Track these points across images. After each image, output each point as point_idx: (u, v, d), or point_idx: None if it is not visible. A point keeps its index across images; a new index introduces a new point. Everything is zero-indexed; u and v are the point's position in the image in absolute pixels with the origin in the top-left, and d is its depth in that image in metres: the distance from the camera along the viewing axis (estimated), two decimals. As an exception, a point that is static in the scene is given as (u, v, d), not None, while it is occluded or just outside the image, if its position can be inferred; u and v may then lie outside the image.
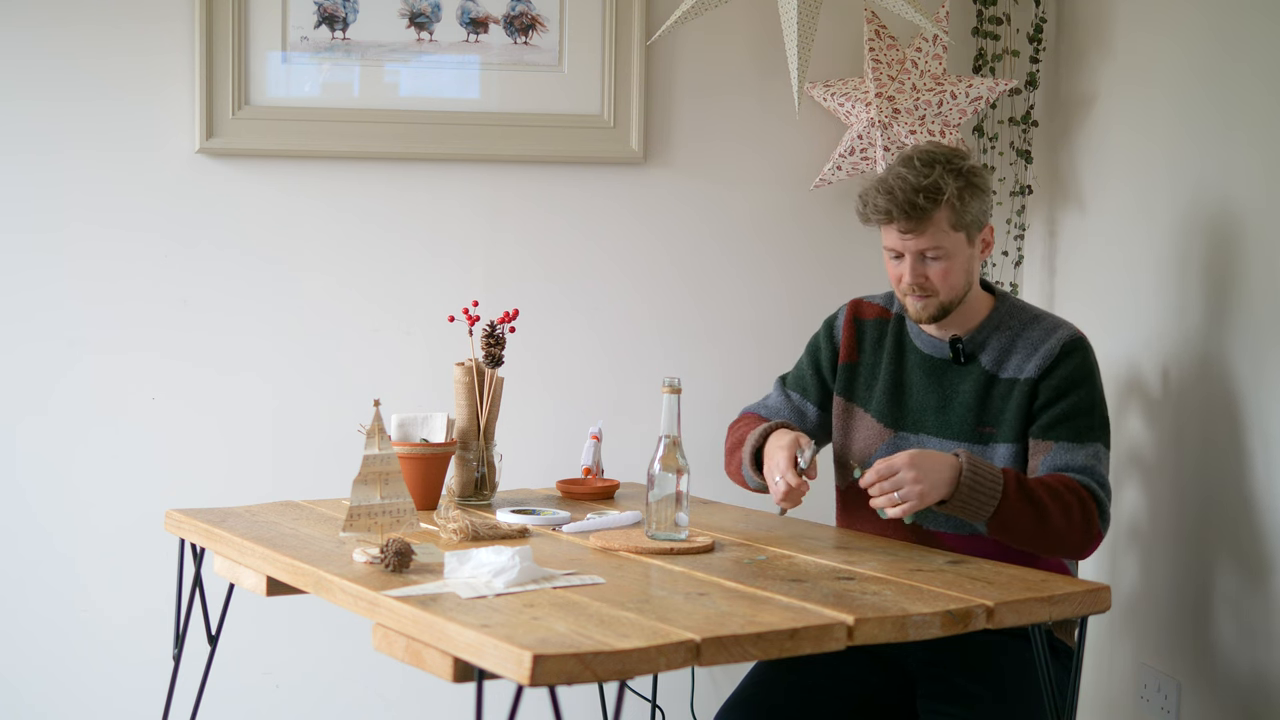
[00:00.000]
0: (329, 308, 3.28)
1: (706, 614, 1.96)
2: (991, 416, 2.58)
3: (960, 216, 2.52)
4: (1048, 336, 2.59)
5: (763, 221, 3.49)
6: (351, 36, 3.23)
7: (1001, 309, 2.65)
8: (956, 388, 2.61)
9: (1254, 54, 2.84)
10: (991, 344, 2.61)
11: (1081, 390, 2.55)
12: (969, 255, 2.57)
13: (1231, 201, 2.88)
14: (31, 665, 3.18)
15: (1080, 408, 2.54)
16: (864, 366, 2.71)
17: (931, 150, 2.56)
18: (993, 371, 2.60)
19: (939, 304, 2.57)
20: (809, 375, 2.78)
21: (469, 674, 1.87)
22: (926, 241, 2.52)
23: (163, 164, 3.18)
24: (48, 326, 3.15)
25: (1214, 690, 2.92)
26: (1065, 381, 2.55)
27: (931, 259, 2.54)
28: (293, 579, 2.27)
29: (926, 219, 2.50)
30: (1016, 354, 2.59)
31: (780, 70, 3.40)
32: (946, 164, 2.52)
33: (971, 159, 2.59)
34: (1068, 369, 2.55)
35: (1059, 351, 2.56)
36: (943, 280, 2.55)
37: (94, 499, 3.18)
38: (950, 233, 2.53)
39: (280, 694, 3.30)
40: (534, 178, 3.36)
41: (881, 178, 2.55)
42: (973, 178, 2.54)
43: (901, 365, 2.68)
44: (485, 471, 2.77)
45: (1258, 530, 2.81)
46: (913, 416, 2.63)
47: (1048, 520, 2.42)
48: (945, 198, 2.50)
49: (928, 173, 2.50)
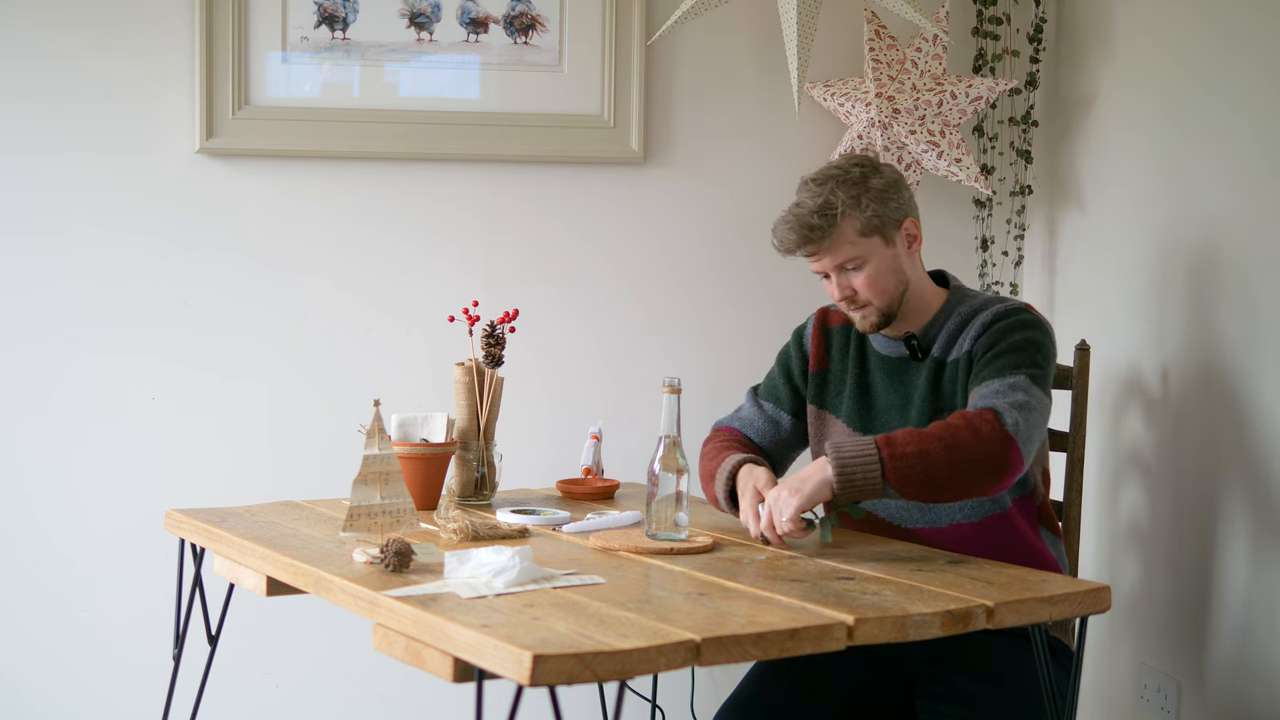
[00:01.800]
0: (329, 308, 3.28)
1: (706, 614, 1.97)
2: (945, 400, 2.58)
3: (865, 223, 2.54)
4: (988, 309, 2.58)
5: (763, 221, 3.48)
6: (351, 36, 3.23)
7: (953, 299, 2.65)
8: (914, 383, 2.62)
9: (1254, 54, 2.84)
10: (943, 334, 2.62)
11: (1013, 335, 2.52)
12: (891, 255, 2.58)
13: (1231, 201, 2.88)
14: (32, 665, 3.18)
15: (1005, 349, 2.50)
16: (833, 373, 2.72)
17: (826, 169, 2.60)
18: (941, 358, 2.61)
19: (877, 311, 2.59)
20: (781, 384, 2.78)
21: (469, 674, 1.87)
22: (839, 256, 2.55)
23: (163, 164, 3.18)
24: (48, 327, 3.15)
25: (1214, 690, 2.92)
26: (994, 335, 2.53)
27: (851, 270, 2.57)
28: (293, 579, 2.27)
29: (826, 236, 2.53)
30: (965, 337, 2.59)
31: (780, 70, 3.40)
32: (838, 179, 2.55)
33: (875, 161, 2.60)
34: (1000, 328, 2.54)
35: (991, 318, 2.56)
36: (870, 288, 2.56)
37: (95, 499, 3.18)
38: (860, 240, 2.55)
39: (280, 694, 3.30)
40: (534, 178, 3.37)
41: (786, 210, 2.58)
42: (870, 181, 2.56)
43: (865, 368, 2.69)
44: (485, 471, 2.77)
45: (1257, 530, 2.81)
46: (880, 418, 2.64)
47: (932, 458, 2.35)
48: (839, 211, 2.53)
49: (820, 192, 2.54)
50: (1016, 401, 2.41)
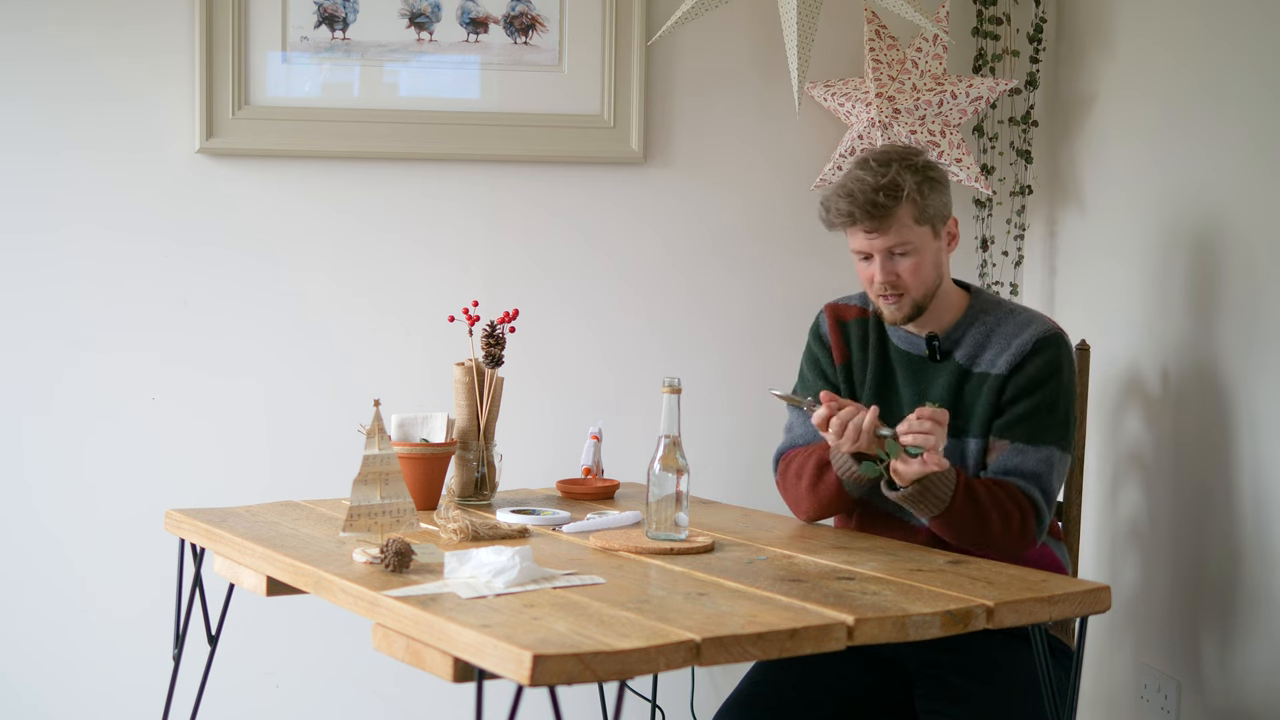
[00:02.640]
0: (329, 307, 3.28)
1: (706, 614, 1.96)
2: (963, 411, 2.59)
3: (923, 210, 2.55)
4: (1022, 330, 2.60)
5: (763, 221, 3.49)
6: (351, 36, 3.23)
7: (976, 304, 2.66)
8: (932, 383, 2.63)
9: (1253, 53, 2.84)
10: (967, 339, 2.63)
11: (1046, 388, 2.56)
12: (936, 249, 2.59)
13: (1231, 201, 2.88)
14: (32, 664, 3.18)
15: (1041, 407, 2.55)
16: (855, 366, 2.73)
17: (887, 150, 2.60)
18: (966, 366, 2.61)
19: (911, 302, 2.58)
20: (816, 383, 2.76)
21: (469, 674, 1.87)
22: (892, 239, 2.54)
23: (163, 164, 3.18)
24: (48, 326, 3.15)
25: (1214, 690, 2.92)
26: (1031, 380, 2.56)
27: (899, 255, 2.56)
28: (293, 579, 2.27)
29: (889, 216, 2.53)
30: (990, 348, 2.60)
31: (780, 70, 3.40)
32: (902, 161, 2.55)
33: (927, 155, 2.61)
34: (1036, 366, 2.56)
35: (1031, 347, 2.57)
36: (913, 276, 2.56)
37: (95, 498, 3.18)
38: (914, 227, 2.55)
39: (280, 694, 3.30)
40: (534, 178, 3.36)
41: (840, 182, 2.58)
42: (929, 172, 2.57)
43: (885, 362, 2.69)
44: (485, 471, 2.77)
45: (1258, 530, 2.81)
46: (898, 411, 2.63)
47: (988, 526, 2.46)
48: (905, 193, 2.52)
49: (885, 171, 2.53)
50: (1049, 490, 2.53)
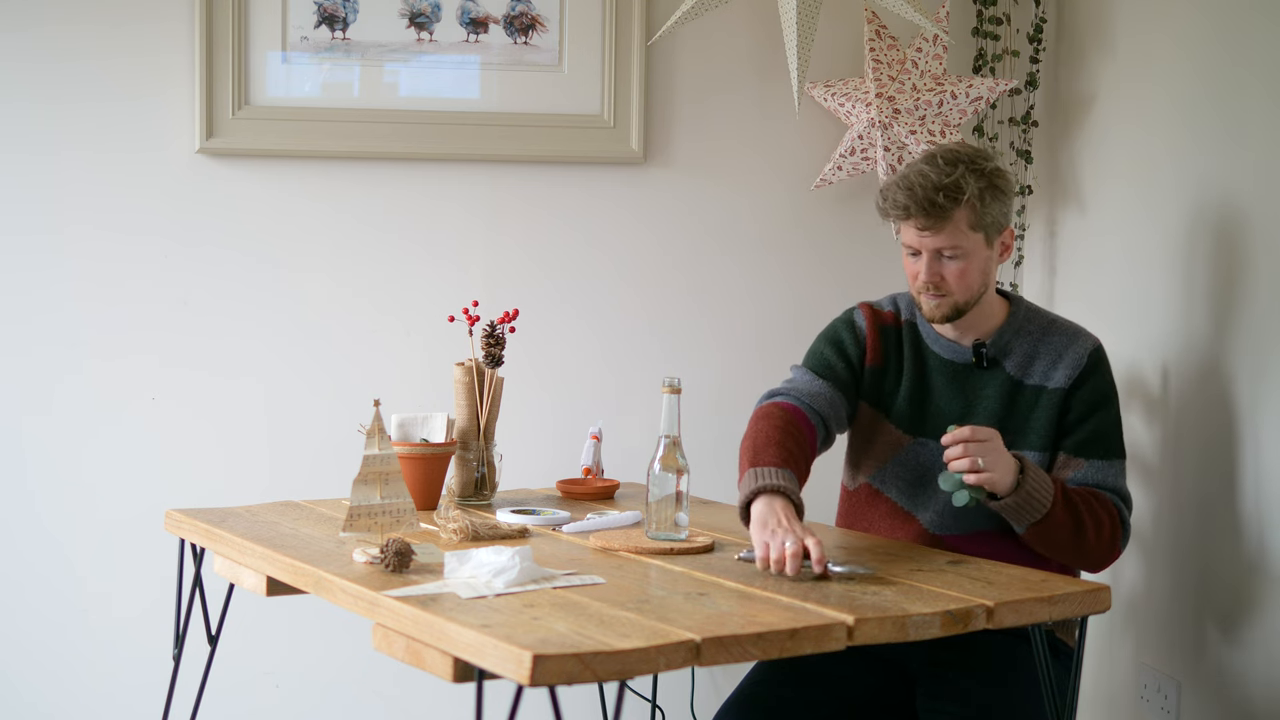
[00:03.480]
0: (329, 307, 3.28)
1: (706, 614, 1.96)
2: (1016, 423, 2.58)
3: (980, 218, 2.52)
4: (1071, 343, 2.61)
5: (763, 222, 3.49)
6: (351, 36, 3.23)
7: (1018, 313, 2.65)
8: (980, 392, 2.61)
9: (1254, 53, 2.84)
10: (1015, 349, 2.62)
11: (1111, 406, 2.60)
12: (987, 257, 2.56)
13: (1231, 202, 2.88)
14: (33, 663, 3.18)
15: (1110, 423, 2.59)
16: (889, 372, 2.68)
17: (957, 149, 2.56)
18: (1018, 377, 2.60)
19: (953, 303, 2.56)
20: (839, 364, 2.67)
21: (469, 674, 1.87)
22: (944, 240, 2.52)
23: (163, 164, 3.18)
24: (48, 327, 3.14)
25: (1214, 690, 2.92)
26: (1097, 395, 2.59)
27: (949, 258, 2.53)
28: (293, 579, 2.27)
29: (945, 217, 2.50)
30: (1041, 360, 2.60)
31: (780, 70, 3.40)
32: (970, 164, 2.52)
33: (997, 161, 2.58)
34: (1098, 381, 2.59)
35: (1087, 362, 2.59)
36: (959, 280, 2.54)
37: (96, 498, 3.18)
38: (969, 233, 2.52)
39: (280, 694, 3.30)
40: (534, 178, 3.36)
41: (903, 174, 2.54)
42: (996, 179, 2.54)
43: (923, 370, 2.66)
44: (485, 471, 2.77)
45: (1258, 530, 2.81)
46: (933, 422, 2.61)
47: (1084, 534, 2.47)
48: (966, 198, 2.49)
49: (950, 171, 2.50)
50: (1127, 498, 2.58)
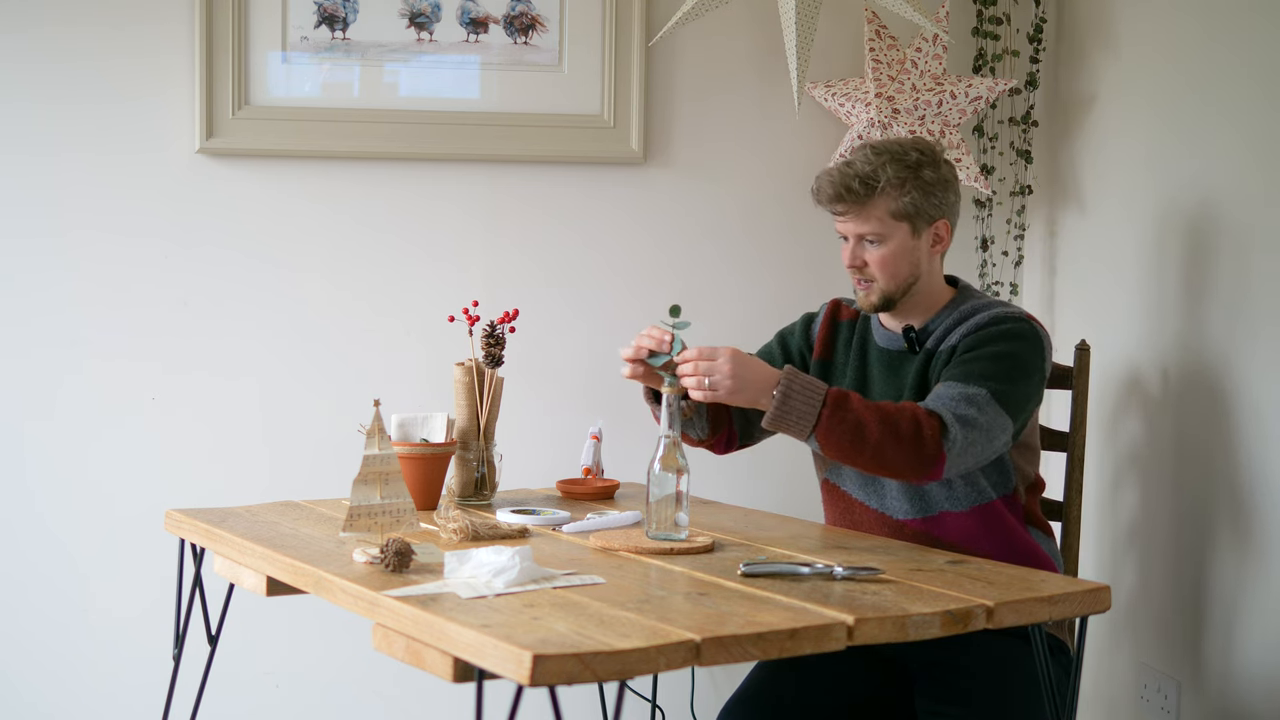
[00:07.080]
0: (329, 307, 3.28)
1: (706, 614, 1.96)
2: (929, 390, 2.58)
3: (901, 207, 2.56)
4: (988, 311, 2.59)
5: (762, 221, 3.49)
6: (351, 36, 3.23)
7: (960, 300, 2.66)
8: (909, 375, 2.63)
9: (1253, 54, 2.84)
10: (939, 329, 2.63)
11: (995, 345, 2.52)
12: (912, 247, 2.59)
13: (1231, 201, 2.89)
14: (34, 663, 3.18)
15: (981, 356, 2.51)
16: (836, 365, 2.74)
17: (891, 141, 2.61)
18: (932, 350, 2.62)
19: (880, 291, 2.60)
20: (778, 356, 2.79)
21: (469, 674, 1.87)
22: (863, 226, 2.57)
23: (163, 164, 3.18)
24: (49, 329, 3.15)
25: (1214, 690, 2.92)
26: (979, 338, 2.54)
27: (870, 243, 2.58)
28: (293, 579, 2.27)
29: (859, 203, 2.56)
30: (955, 332, 2.60)
31: (780, 70, 3.40)
32: (896, 155, 2.56)
33: (937, 154, 2.60)
34: (988, 332, 2.55)
35: (986, 320, 2.57)
36: (880, 267, 2.58)
37: (97, 498, 3.18)
38: (889, 221, 2.56)
39: (280, 693, 3.30)
40: (534, 178, 3.36)
41: (834, 164, 2.61)
42: (923, 172, 2.56)
43: (865, 362, 2.70)
44: (485, 471, 2.77)
45: (1257, 530, 2.81)
46: None
47: (865, 431, 2.39)
48: (880, 186, 2.54)
49: (873, 161, 2.56)
50: (966, 417, 2.43)
